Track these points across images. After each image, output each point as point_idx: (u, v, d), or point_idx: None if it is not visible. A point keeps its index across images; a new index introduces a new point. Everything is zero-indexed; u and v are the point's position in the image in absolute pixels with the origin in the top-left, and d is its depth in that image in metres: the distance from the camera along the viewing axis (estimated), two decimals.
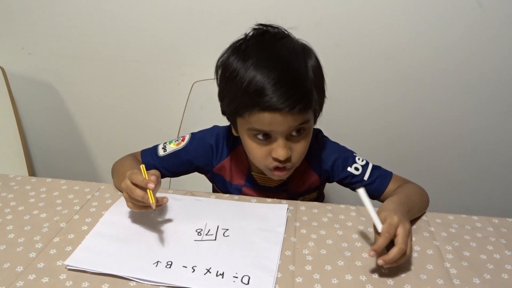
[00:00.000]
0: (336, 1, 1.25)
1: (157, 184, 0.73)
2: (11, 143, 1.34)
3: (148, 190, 0.71)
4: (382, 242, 0.66)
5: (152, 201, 0.70)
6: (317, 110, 0.82)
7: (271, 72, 0.74)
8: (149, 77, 1.44)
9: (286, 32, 0.83)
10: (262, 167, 0.84)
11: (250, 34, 0.82)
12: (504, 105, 1.35)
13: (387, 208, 0.72)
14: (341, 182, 0.94)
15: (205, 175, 1.00)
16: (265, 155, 0.81)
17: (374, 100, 1.39)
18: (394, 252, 0.65)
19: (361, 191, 0.72)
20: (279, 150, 0.78)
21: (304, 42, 0.83)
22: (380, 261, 0.65)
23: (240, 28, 0.82)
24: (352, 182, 0.92)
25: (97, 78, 1.47)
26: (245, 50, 0.79)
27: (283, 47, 0.79)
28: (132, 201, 0.74)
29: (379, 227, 0.69)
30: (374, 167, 0.92)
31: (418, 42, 1.28)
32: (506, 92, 1.33)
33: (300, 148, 0.81)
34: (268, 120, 0.76)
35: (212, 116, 1.00)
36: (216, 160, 0.94)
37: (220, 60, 0.82)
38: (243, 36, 0.82)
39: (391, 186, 0.90)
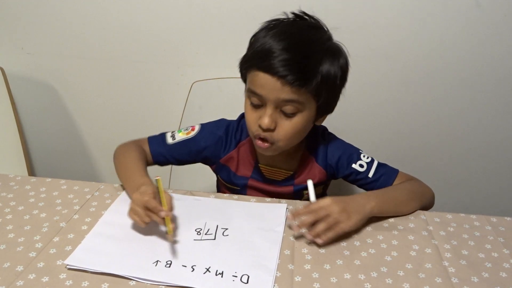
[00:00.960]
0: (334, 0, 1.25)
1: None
2: (11, 143, 1.34)
3: (166, 218, 0.71)
4: (299, 210, 0.75)
5: (170, 232, 0.71)
6: (321, 103, 0.82)
7: (283, 41, 0.76)
8: (149, 77, 1.45)
9: (324, 27, 0.85)
10: (251, 134, 0.86)
11: (290, 16, 0.84)
12: (503, 104, 1.35)
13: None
14: (346, 179, 0.95)
15: (210, 166, 1.00)
16: (255, 120, 0.82)
17: (372, 99, 1.39)
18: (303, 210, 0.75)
19: (310, 183, 0.80)
20: (264, 117, 0.80)
21: (342, 47, 0.84)
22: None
23: (239, 28, 0.83)
24: (357, 179, 0.93)
25: (96, 78, 1.47)
26: (275, 25, 0.82)
27: (309, 32, 0.81)
28: (139, 216, 0.73)
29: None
30: (379, 164, 0.92)
31: (417, 41, 1.28)
32: (504, 91, 1.33)
33: (286, 127, 0.81)
34: (260, 81, 0.78)
35: (211, 116, 1.01)
36: (224, 152, 0.95)
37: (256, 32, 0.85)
38: (281, 16, 0.84)
39: (396, 184, 0.90)
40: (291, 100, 0.78)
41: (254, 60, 0.80)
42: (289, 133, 0.82)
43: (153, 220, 0.72)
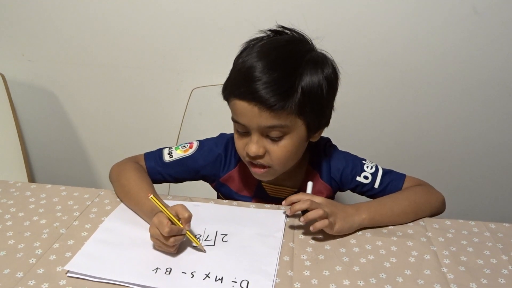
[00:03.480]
0: (333, 8, 1.26)
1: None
2: (11, 150, 1.34)
3: (187, 233, 0.72)
4: (294, 196, 0.78)
5: (197, 243, 0.73)
6: (309, 120, 0.79)
7: (258, 62, 0.74)
8: (148, 83, 1.45)
9: (306, 38, 0.82)
10: (244, 161, 0.85)
11: (268, 33, 0.82)
12: (501, 111, 1.36)
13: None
14: (353, 191, 0.94)
15: (210, 184, 0.98)
16: (243, 147, 0.81)
17: (370, 107, 1.39)
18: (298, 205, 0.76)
19: (309, 185, 0.83)
20: (250, 145, 0.79)
21: (329, 57, 0.81)
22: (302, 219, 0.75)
23: (239, 35, 0.83)
24: (363, 191, 0.92)
25: (96, 84, 1.48)
26: (253, 45, 0.80)
27: (287, 48, 0.79)
28: (168, 247, 0.71)
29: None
30: (384, 172, 0.90)
31: (415, 48, 1.29)
32: (502, 97, 1.34)
33: (276, 152, 0.79)
34: (239, 109, 0.76)
35: (211, 122, 1.01)
36: (223, 170, 0.93)
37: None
38: (261, 34, 0.82)
39: (404, 188, 0.89)
40: (273, 126, 0.76)
41: (231, 87, 0.78)
42: (281, 157, 0.80)
43: (178, 241, 0.71)
